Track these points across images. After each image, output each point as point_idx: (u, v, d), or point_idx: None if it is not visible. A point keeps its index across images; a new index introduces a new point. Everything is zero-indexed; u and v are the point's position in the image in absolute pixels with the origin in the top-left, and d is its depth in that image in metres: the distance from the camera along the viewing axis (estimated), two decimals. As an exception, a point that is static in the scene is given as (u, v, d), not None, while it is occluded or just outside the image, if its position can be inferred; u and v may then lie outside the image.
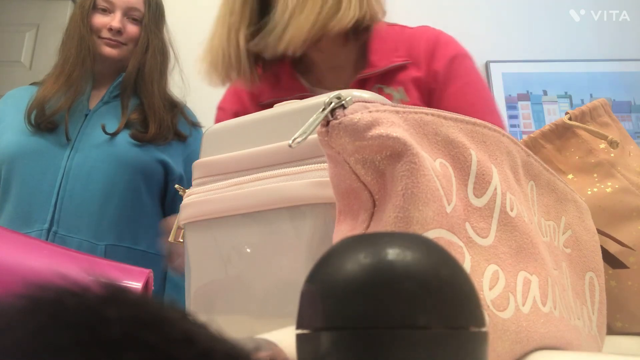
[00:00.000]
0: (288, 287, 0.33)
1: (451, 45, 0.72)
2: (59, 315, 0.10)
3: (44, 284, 0.11)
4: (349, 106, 0.23)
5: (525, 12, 1.96)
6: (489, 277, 0.25)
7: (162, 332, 0.11)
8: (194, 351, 0.11)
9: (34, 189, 0.85)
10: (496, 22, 1.94)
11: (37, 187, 0.85)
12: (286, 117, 0.36)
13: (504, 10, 1.95)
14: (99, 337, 0.10)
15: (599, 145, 0.54)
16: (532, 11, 1.96)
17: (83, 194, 0.85)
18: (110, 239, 0.86)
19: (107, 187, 0.87)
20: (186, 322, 0.12)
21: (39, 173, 0.86)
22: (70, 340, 0.10)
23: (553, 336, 0.28)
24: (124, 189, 0.88)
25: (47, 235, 0.83)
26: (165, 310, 0.12)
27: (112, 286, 0.11)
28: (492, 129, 0.29)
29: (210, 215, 0.37)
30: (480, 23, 1.93)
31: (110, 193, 0.87)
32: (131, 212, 0.89)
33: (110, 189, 0.87)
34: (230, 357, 0.12)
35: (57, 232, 0.83)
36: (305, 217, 0.33)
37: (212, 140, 0.41)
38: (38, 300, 0.11)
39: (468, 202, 0.26)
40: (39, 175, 0.86)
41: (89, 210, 0.85)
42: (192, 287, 0.39)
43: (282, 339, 0.19)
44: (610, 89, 1.91)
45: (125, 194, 0.88)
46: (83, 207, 0.85)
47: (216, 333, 0.12)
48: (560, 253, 0.34)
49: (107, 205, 0.86)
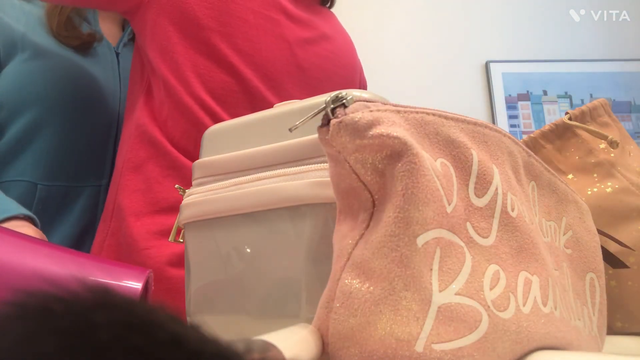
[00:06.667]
0: (288, 287, 0.33)
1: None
2: (46, 321, 0.10)
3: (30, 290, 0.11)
4: (349, 105, 0.23)
5: (525, 12, 1.96)
6: (490, 277, 0.25)
7: (151, 335, 0.11)
8: (183, 353, 0.11)
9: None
10: (496, 22, 1.94)
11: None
12: (286, 117, 0.36)
13: (504, 10, 1.95)
14: (87, 343, 0.10)
15: (599, 145, 0.54)
16: (532, 11, 1.96)
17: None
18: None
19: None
20: (175, 324, 0.12)
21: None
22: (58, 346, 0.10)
23: (554, 336, 0.28)
24: None
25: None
26: (153, 312, 0.12)
27: (100, 290, 0.11)
28: (493, 129, 0.29)
29: (210, 215, 0.37)
30: (480, 23, 1.93)
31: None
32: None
33: None
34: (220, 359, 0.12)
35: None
36: (305, 217, 0.33)
37: (212, 140, 0.41)
38: (25, 307, 0.11)
39: (469, 202, 0.26)
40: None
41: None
42: (192, 287, 0.39)
43: (281, 339, 0.19)
44: (610, 89, 1.91)
45: None
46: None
47: (206, 335, 0.12)
48: (561, 254, 0.34)
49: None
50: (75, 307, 0.11)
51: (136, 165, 0.61)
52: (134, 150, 0.61)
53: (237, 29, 0.62)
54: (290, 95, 0.64)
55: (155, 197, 0.58)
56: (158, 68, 0.61)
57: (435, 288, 0.22)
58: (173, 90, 0.60)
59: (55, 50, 0.73)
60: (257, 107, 0.62)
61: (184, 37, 0.61)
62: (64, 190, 0.70)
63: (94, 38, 0.77)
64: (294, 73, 0.66)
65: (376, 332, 0.21)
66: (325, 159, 0.32)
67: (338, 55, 0.73)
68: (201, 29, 0.60)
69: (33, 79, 0.70)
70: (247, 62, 0.62)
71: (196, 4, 0.60)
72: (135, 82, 0.68)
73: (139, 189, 0.60)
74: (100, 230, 0.62)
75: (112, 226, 0.60)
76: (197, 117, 0.60)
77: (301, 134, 0.34)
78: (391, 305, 0.21)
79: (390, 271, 0.22)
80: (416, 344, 0.21)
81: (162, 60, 0.61)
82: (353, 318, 0.22)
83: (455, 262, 0.24)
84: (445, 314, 0.22)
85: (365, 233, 0.23)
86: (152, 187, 0.59)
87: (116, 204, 0.61)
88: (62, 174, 0.70)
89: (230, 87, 0.61)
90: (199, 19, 0.60)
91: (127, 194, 0.60)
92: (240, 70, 0.61)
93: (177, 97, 0.60)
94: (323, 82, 0.70)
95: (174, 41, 0.61)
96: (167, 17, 0.61)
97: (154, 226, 0.57)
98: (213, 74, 0.61)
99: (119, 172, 0.63)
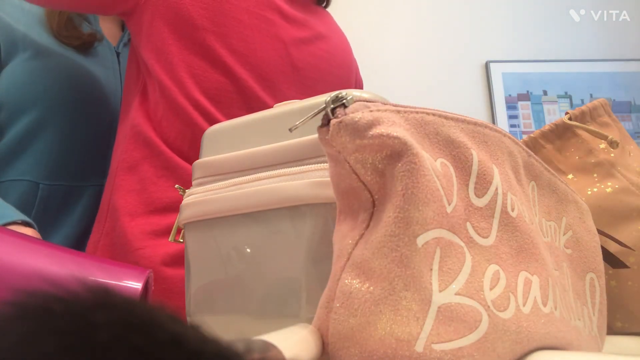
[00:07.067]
0: (288, 287, 0.33)
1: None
2: (46, 321, 0.10)
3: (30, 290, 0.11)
4: (349, 105, 0.23)
5: (525, 12, 1.96)
6: (490, 277, 0.25)
7: (151, 335, 0.11)
8: (183, 353, 0.11)
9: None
10: (496, 22, 1.94)
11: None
12: (286, 117, 0.36)
13: (504, 10, 1.95)
14: (86, 343, 0.10)
15: (599, 145, 0.54)
16: (532, 11, 1.96)
17: None
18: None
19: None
20: (175, 324, 0.12)
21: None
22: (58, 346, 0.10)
23: (554, 336, 0.28)
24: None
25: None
26: (153, 312, 0.12)
27: (100, 290, 0.11)
28: (493, 129, 0.29)
29: (210, 215, 0.37)
30: (480, 23, 1.93)
31: None
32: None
33: None
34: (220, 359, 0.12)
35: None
36: (305, 217, 0.33)
37: (212, 140, 0.41)
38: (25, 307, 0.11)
39: (469, 202, 0.26)
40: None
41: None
42: (192, 287, 0.39)
43: (281, 339, 0.19)
44: (610, 89, 1.91)
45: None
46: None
47: (206, 335, 0.12)
48: (561, 254, 0.34)
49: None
50: (75, 307, 0.11)
51: (131, 166, 0.61)
52: (129, 151, 0.61)
53: (231, 29, 0.62)
54: (285, 95, 0.64)
55: (150, 198, 0.58)
56: (153, 69, 0.61)
57: (435, 288, 0.22)
58: (167, 91, 0.60)
59: (56, 50, 0.73)
60: (252, 108, 0.62)
61: (178, 37, 0.61)
62: (65, 190, 0.70)
63: (95, 38, 0.77)
64: (289, 73, 0.66)
65: (376, 332, 0.21)
66: (325, 159, 0.32)
67: (333, 54, 0.72)
68: (196, 29, 0.60)
69: (34, 79, 0.70)
70: (242, 62, 0.62)
71: (191, 4, 0.60)
72: (130, 83, 0.68)
73: (134, 189, 0.60)
74: (95, 231, 0.62)
75: (107, 226, 0.60)
76: (192, 117, 0.60)
77: (301, 134, 0.34)
78: (391, 305, 0.21)
79: (390, 271, 0.22)
80: (416, 344, 0.21)
81: (157, 61, 0.61)
82: (353, 318, 0.22)
83: (455, 262, 0.24)
84: (445, 314, 0.22)
85: (365, 233, 0.23)
86: (146, 187, 0.59)
87: (111, 205, 0.61)
88: (63, 173, 0.70)
89: (224, 87, 0.61)
90: (193, 19, 0.60)
91: (122, 194, 0.60)
92: (235, 70, 0.61)
93: (172, 98, 0.60)
94: (318, 81, 0.70)
95: (168, 42, 0.61)
96: (162, 18, 0.61)
97: (148, 226, 0.57)
98: (208, 75, 0.61)
99: (113, 172, 0.63)
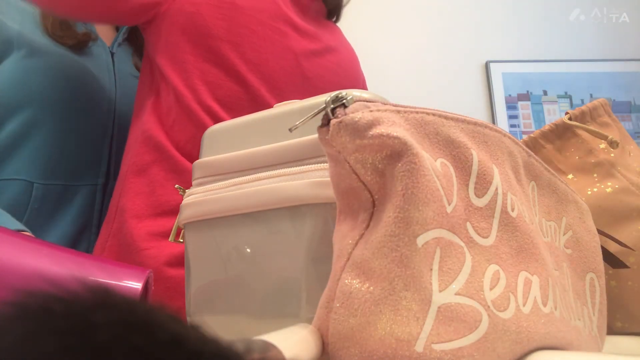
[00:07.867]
0: (288, 287, 0.33)
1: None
2: (46, 321, 0.10)
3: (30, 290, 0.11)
4: (349, 105, 0.23)
5: (525, 12, 1.96)
6: (490, 277, 0.25)
7: (151, 335, 0.11)
8: (183, 353, 0.11)
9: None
10: (496, 22, 1.94)
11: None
12: (286, 117, 0.36)
13: (504, 10, 1.95)
14: (86, 342, 0.10)
15: (599, 145, 0.54)
16: (532, 11, 1.96)
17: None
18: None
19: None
20: (175, 324, 0.12)
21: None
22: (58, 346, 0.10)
23: (554, 336, 0.28)
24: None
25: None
26: (153, 312, 0.12)
27: (100, 290, 0.11)
28: (493, 129, 0.29)
29: (210, 215, 0.37)
30: (480, 23, 1.93)
31: None
32: None
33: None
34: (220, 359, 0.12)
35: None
36: (305, 217, 0.33)
37: (212, 140, 0.41)
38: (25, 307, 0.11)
39: (469, 202, 0.26)
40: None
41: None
42: (192, 287, 0.39)
43: (281, 339, 0.19)
44: (610, 89, 1.91)
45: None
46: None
47: (206, 335, 0.12)
48: (561, 254, 0.34)
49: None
50: (75, 307, 0.11)
51: (140, 169, 0.62)
52: (139, 155, 0.62)
53: (246, 40, 0.64)
54: None
55: (158, 200, 0.59)
56: (168, 75, 0.64)
57: (435, 288, 0.22)
58: (181, 97, 0.62)
59: (51, 49, 0.73)
60: None
61: (194, 46, 0.63)
62: (60, 189, 0.70)
63: (89, 37, 0.77)
64: (299, 83, 0.68)
65: (376, 332, 0.21)
66: (325, 159, 0.32)
67: (342, 67, 0.75)
68: (211, 38, 0.63)
69: (29, 77, 0.70)
70: (255, 71, 0.64)
71: (208, 15, 0.63)
72: (143, 88, 0.69)
73: (143, 191, 0.60)
74: (102, 232, 0.63)
75: (114, 227, 0.60)
76: (204, 122, 0.61)
77: (301, 134, 0.34)
78: (391, 305, 0.21)
79: (390, 271, 0.22)
80: (416, 344, 0.21)
81: (173, 69, 0.63)
82: (353, 318, 0.22)
83: (455, 262, 0.24)
84: (445, 314, 0.22)
85: (365, 233, 0.23)
86: (155, 190, 0.60)
87: (119, 207, 0.61)
88: (58, 172, 0.70)
89: (237, 95, 0.63)
90: (209, 29, 0.63)
91: (130, 197, 0.60)
92: (248, 78, 0.64)
93: (185, 103, 0.62)
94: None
95: (185, 50, 0.63)
96: (180, 28, 0.64)
97: (154, 228, 0.57)
98: (221, 82, 0.63)
99: (123, 175, 0.64)
